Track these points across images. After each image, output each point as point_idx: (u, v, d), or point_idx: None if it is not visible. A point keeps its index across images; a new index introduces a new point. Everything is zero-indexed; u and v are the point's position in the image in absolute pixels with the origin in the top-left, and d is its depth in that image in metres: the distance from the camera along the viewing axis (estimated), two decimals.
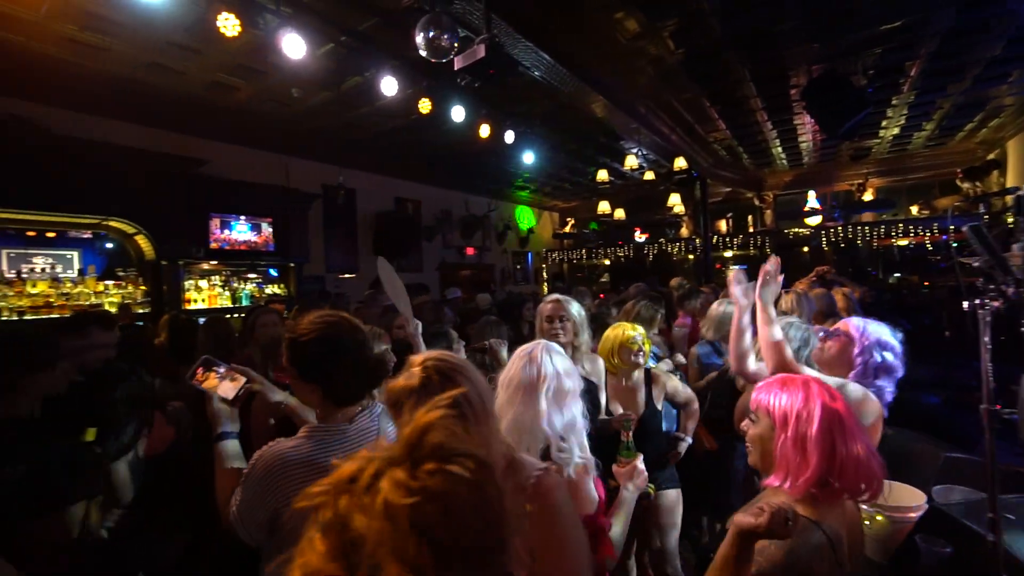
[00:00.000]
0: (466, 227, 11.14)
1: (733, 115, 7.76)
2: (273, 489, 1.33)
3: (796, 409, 1.12)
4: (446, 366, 1.15)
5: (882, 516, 1.79)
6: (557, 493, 1.07)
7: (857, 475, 1.09)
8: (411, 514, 0.49)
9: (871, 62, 6.10)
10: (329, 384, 1.45)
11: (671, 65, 5.98)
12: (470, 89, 5.12)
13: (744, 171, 10.95)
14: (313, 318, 1.49)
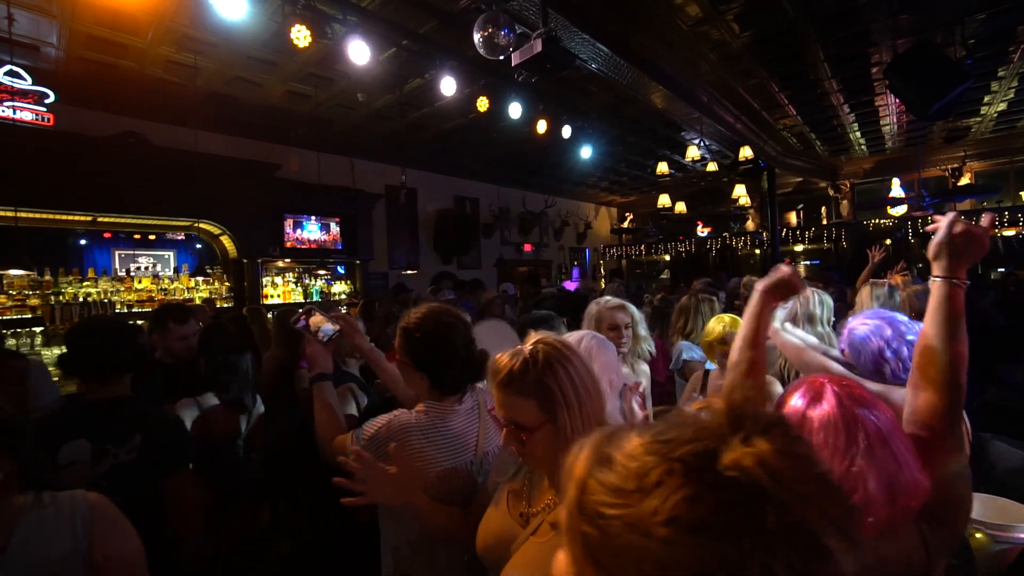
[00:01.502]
0: (523, 223, 11.22)
1: (805, 99, 7.29)
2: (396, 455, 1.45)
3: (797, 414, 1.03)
4: (552, 351, 1.12)
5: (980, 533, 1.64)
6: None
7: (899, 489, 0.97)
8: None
9: (972, 30, 5.51)
10: (437, 374, 1.55)
11: (736, 50, 5.71)
12: (527, 86, 5.17)
13: (817, 159, 10.25)
14: (425, 310, 1.59)
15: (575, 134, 6.51)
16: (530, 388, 1.08)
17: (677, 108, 6.44)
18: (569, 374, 1.09)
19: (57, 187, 5.09)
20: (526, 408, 1.08)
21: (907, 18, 5.20)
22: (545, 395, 1.07)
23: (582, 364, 1.13)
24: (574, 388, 1.08)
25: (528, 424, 1.07)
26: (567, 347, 1.15)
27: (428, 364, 1.54)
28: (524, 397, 1.08)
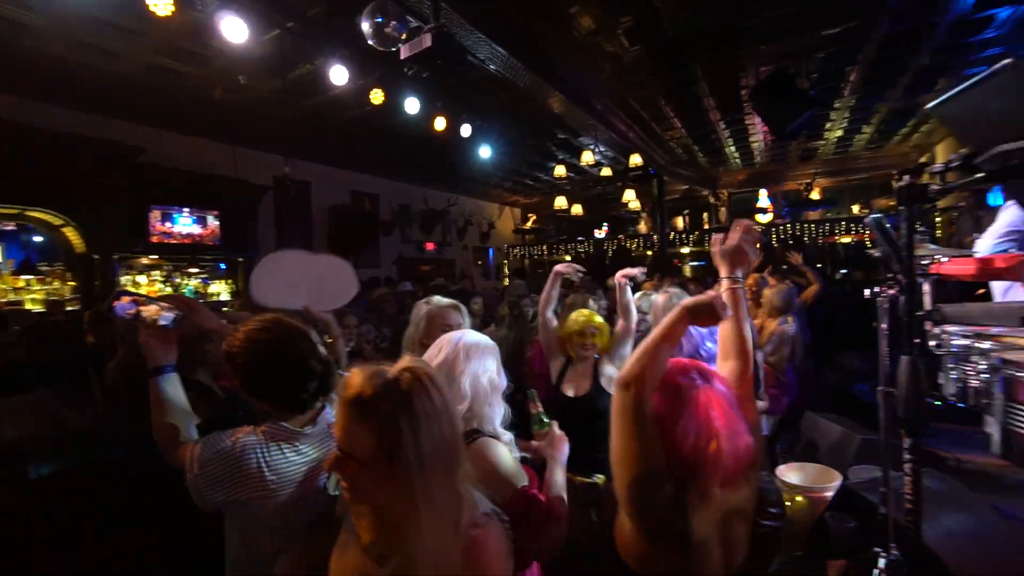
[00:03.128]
0: (425, 222, 11.00)
1: (688, 114, 7.93)
2: (233, 479, 1.33)
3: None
4: (416, 385, 0.99)
5: (801, 496, 1.87)
6: (491, 548, 1.00)
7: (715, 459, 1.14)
8: None
9: (815, 66, 6.36)
10: (274, 397, 1.42)
11: (627, 62, 6.05)
12: (424, 81, 5.04)
13: (700, 169, 11.24)
14: (248, 328, 1.43)
15: (475, 133, 6.49)
16: (376, 418, 0.96)
17: (574, 114, 6.68)
18: (427, 414, 0.97)
19: None
20: (365, 438, 0.96)
21: (767, 48, 5.86)
22: (391, 431, 0.95)
23: (444, 404, 1.02)
24: (428, 432, 0.96)
25: (361, 456, 0.96)
26: (434, 382, 1.02)
27: (259, 390, 1.42)
28: (367, 425, 0.96)
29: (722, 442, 1.06)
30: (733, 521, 1.16)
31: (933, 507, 1.66)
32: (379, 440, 0.95)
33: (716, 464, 1.05)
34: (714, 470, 1.05)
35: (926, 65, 6.49)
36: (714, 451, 1.04)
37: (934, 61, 6.35)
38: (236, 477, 1.33)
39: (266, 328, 1.43)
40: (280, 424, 1.41)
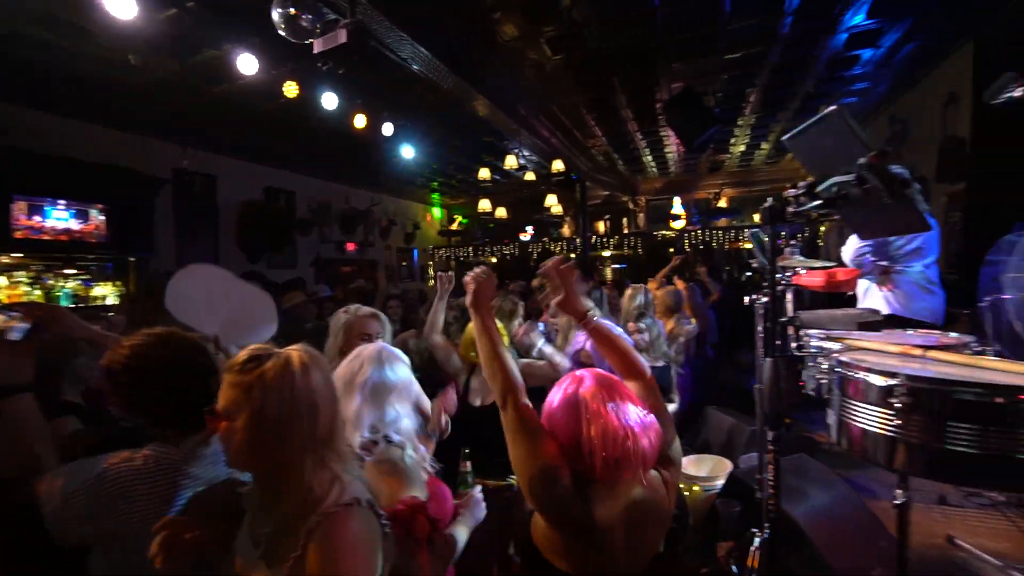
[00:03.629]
0: (346, 221, 10.58)
1: (608, 123, 8.28)
2: (106, 511, 1.20)
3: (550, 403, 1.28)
4: (298, 361, 1.09)
5: (696, 486, 2.01)
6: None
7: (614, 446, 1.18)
8: None
9: (720, 86, 6.90)
10: (164, 417, 1.31)
11: (550, 71, 6.20)
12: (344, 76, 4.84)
13: (620, 176, 11.77)
14: (138, 342, 1.31)
15: (399, 132, 6.35)
16: (243, 382, 1.05)
17: (499, 118, 6.74)
18: (289, 387, 1.06)
19: None
20: (231, 398, 1.06)
21: (678, 67, 6.26)
22: (249, 395, 1.04)
23: (312, 385, 1.09)
24: (282, 402, 1.04)
25: (227, 414, 1.05)
26: (307, 365, 1.10)
27: (147, 410, 1.31)
28: (234, 388, 1.06)
29: (618, 442, 1.15)
30: (636, 511, 1.22)
31: (803, 487, 1.86)
32: (240, 402, 1.04)
33: (608, 461, 1.13)
34: (606, 466, 1.13)
35: (811, 92, 7.26)
36: (607, 450, 1.10)
37: (817, 89, 7.12)
38: (110, 509, 1.19)
39: (162, 342, 1.32)
40: (168, 446, 1.29)
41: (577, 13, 4.84)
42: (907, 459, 1.00)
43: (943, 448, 0.96)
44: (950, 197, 6.05)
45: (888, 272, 2.80)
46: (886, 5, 4.94)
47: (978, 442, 0.92)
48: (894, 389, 0.98)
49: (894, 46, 5.84)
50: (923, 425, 0.97)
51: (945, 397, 0.94)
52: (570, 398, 1.21)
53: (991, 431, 0.91)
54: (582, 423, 1.15)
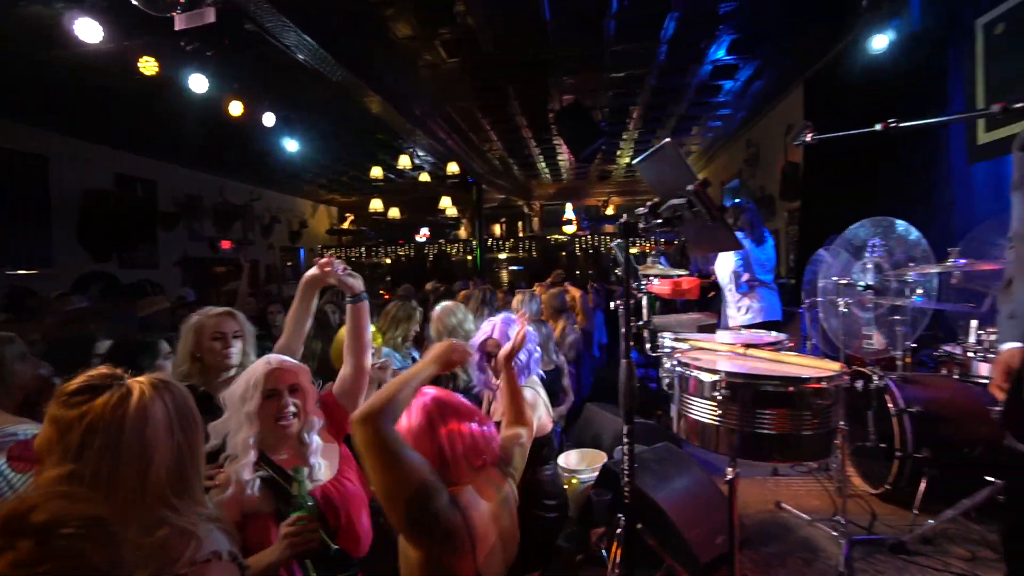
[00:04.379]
0: (221, 216, 9.58)
1: (503, 129, 8.47)
2: None
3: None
4: (140, 396, 0.92)
5: (575, 479, 2.14)
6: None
7: (467, 454, 1.23)
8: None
9: (607, 101, 7.40)
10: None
11: (446, 73, 6.19)
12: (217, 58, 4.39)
13: (515, 181, 12.10)
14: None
15: (283, 123, 5.91)
16: (67, 415, 0.88)
17: (393, 116, 6.57)
18: (119, 427, 0.89)
19: None
20: (48, 434, 0.89)
21: (569, 80, 6.61)
22: (64, 431, 0.87)
23: (169, 427, 0.93)
24: (114, 450, 0.88)
25: (38, 451, 0.89)
26: (167, 398, 0.95)
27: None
28: (55, 421, 0.89)
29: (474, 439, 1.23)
30: (503, 512, 1.26)
31: (667, 472, 2.07)
32: (53, 442, 0.88)
33: (470, 458, 1.19)
34: (470, 466, 1.19)
35: (684, 114, 8.08)
36: (465, 449, 1.18)
37: (688, 111, 7.94)
38: None
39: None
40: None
41: (470, 19, 4.89)
42: (728, 442, 1.18)
43: (753, 431, 1.14)
44: (790, 213, 7.08)
45: (753, 287, 3.31)
46: (741, 45, 5.66)
47: (777, 424, 1.11)
48: (716, 384, 1.15)
49: (748, 80, 6.70)
50: (738, 413, 1.14)
51: (754, 389, 1.13)
52: (419, 412, 1.23)
53: (785, 414, 1.11)
54: (438, 431, 1.18)
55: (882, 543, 2.13)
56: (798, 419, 1.12)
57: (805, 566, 2.03)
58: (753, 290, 3.35)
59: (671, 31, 5.29)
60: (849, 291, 2.25)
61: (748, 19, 5.08)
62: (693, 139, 9.63)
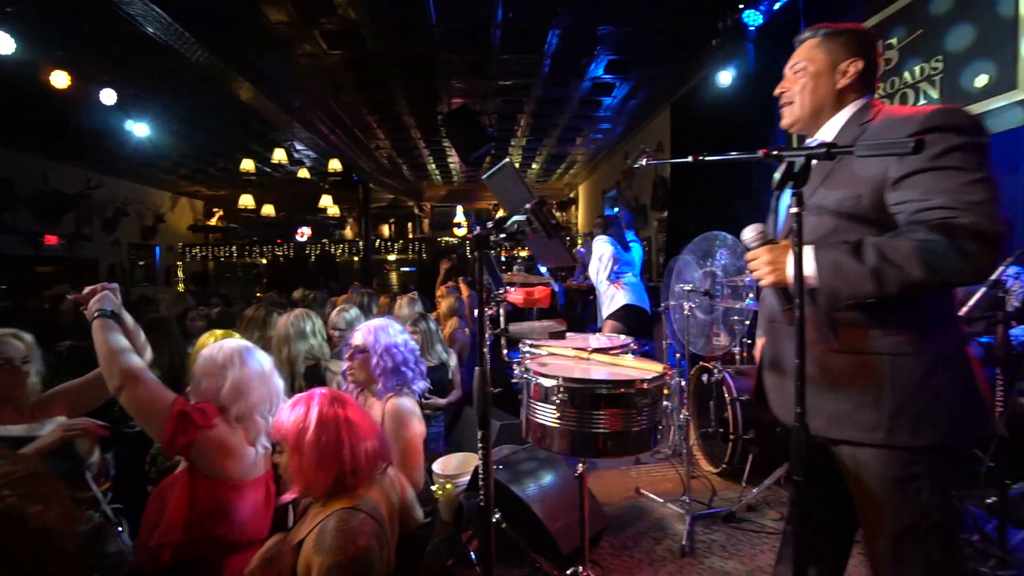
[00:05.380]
0: (44, 207, 8.05)
1: (391, 128, 8.24)
2: None
3: (298, 425, 1.18)
4: None
5: (449, 484, 2.15)
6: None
7: (370, 461, 1.23)
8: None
9: (496, 107, 7.54)
10: None
11: (328, 66, 5.86)
12: (17, 16, 3.69)
13: (405, 181, 11.84)
14: None
15: (129, 103, 5.16)
16: None
17: (266, 106, 6.07)
18: None
19: None
20: None
21: (458, 84, 6.62)
22: None
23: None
24: None
25: None
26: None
27: None
28: None
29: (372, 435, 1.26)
30: (394, 522, 1.30)
31: (535, 469, 2.16)
32: None
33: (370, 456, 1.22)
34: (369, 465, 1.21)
35: (568, 124, 8.52)
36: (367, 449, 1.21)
37: (572, 122, 8.39)
38: None
39: None
40: None
41: (352, 12, 4.69)
42: (568, 443, 1.28)
43: (590, 432, 1.25)
44: (659, 222, 7.81)
45: (620, 277, 3.89)
46: (617, 65, 6.12)
47: (609, 423, 1.23)
48: (555, 388, 1.24)
49: (624, 98, 7.26)
50: (575, 415, 1.24)
51: (589, 392, 1.24)
52: (327, 425, 1.19)
53: (617, 414, 1.23)
54: (343, 446, 1.17)
55: (718, 515, 2.44)
56: (628, 417, 1.25)
57: (656, 544, 2.25)
58: (620, 279, 3.85)
59: (554, 46, 5.56)
60: (693, 295, 2.55)
61: (623, 43, 5.52)
62: (578, 149, 10.19)
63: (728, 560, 2.13)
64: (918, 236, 0.94)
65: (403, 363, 1.80)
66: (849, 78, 1.16)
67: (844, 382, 1.04)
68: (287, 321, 2.40)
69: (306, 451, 1.16)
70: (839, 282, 0.97)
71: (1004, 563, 1.92)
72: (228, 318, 2.97)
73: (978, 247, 0.90)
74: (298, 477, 1.17)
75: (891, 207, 1.01)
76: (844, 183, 1.06)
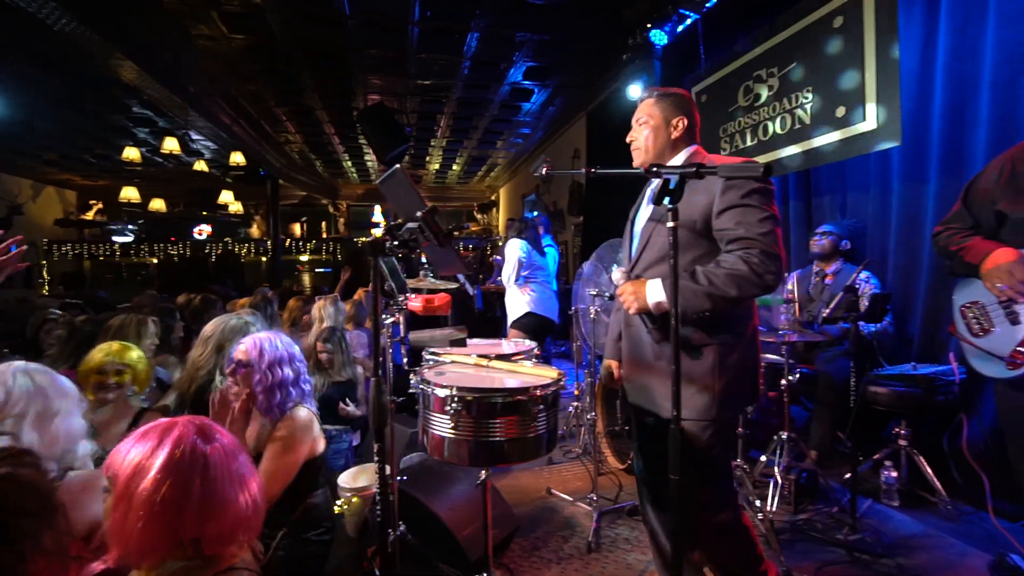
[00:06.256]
0: None
1: (302, 122, 7.80)
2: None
3: (136, 465, 0.86)
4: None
5: (356, 498, 2.06)
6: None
7: (238, 519, 0.92)
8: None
9: (416, 106, 7.40)
10: None
11: (229, 51, 5.42)
12: None
13: (319, 178, 11.26)
14: None
15: None
16: None
17: (154, 89, 5.49)
18: None
19: None
20: None
21: (375, 80, 6.41)
22: None
23: None
24: None
25: None
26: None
27: None
28: None
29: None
30: None
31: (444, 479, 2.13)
32: None
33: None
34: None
35: (488, 128, 8.56)
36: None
37: (492, 125, 8.45)
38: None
39: None
40: None
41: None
42: (465, 453, 1.27)
43: (486, 440, 1.26)
44: (575, 226, 8.08)
45: (528, 283, 3.74)
46: (535, 72, 6.25)
47: (506, 430, 1.25)
48: (449, 399, 1.24)
49: (543, 105, 7.43)
50: (471, 425, 1.25)
51: (485, 401, 1.24)
52: (162, 456, 0.87)
53: (513, 421, 1.25)
54: (193, 494, 0.87)
55: (623, 510, 2.55)
56: (524, 424, 1.27)
57: (564, 543, 2.30)
58: (527, 284, 3.73)
59: (474, 48, 5.56)
60: (598, 299, 2.65)
61: (541, 51, 5.64)
62: (499, 152, 10.29)
63: (631, 552, 2.23)
64: (728, 263, 1.26)
65: (290, 382, 1.70)
66: (679, 131, 1.49)
67: (686, 372, 1.30)
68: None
69: (135, 503, 0.83)
70: (685, 304, 1.24)
71: (854, 529, 2.20)
72: (95, 328, 2.59)
73: (766, 266, 1.24)
74: (117, 537, 0.85)
75: (715, 231, 1.33)
76: (688, 204, 1.33)
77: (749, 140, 3.87)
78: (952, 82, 2.65)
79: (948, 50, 2.66)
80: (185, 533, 0.87)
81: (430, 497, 2.01)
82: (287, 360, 1.68)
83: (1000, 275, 1.40)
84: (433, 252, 1.16)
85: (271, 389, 1.62)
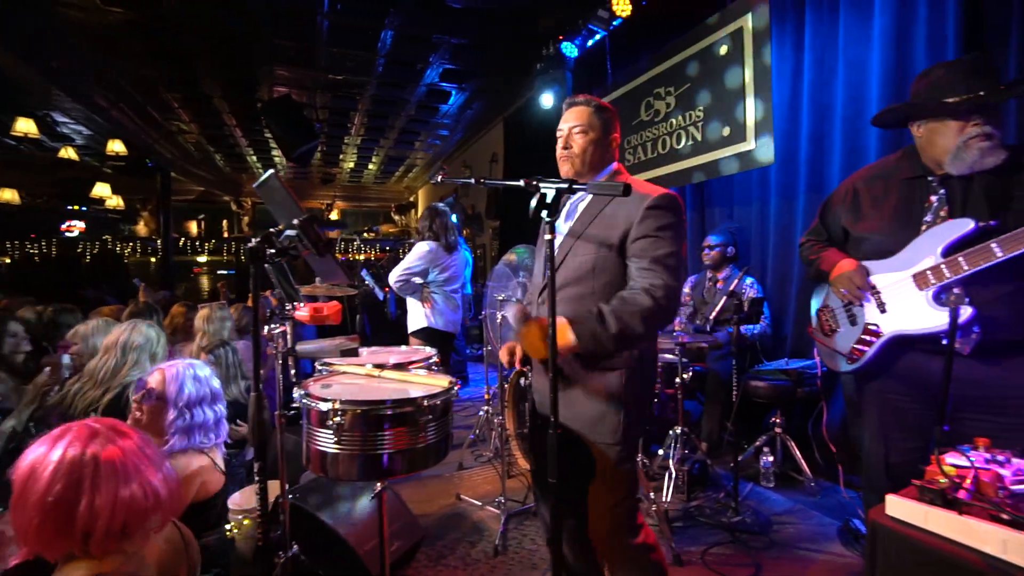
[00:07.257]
0: None
1: (199, 111, 7.16)
2: None
3: (29, 470, 0.92)
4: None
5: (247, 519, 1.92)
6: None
7: (131, 514, 0.96)
8: None
9: (327, 102, 7.05)
10: None
11: (106, 26, 4.83)
12: None
13: (219, 172, 10.40)
14: None
15: None
16: None
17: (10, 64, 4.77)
18: None
19: None
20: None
21: (282, 72, 6.03)
22: None
23: None
24: None
25: None
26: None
27: None
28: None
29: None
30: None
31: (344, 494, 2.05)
32: None
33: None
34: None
35: (404, 128, 8.38)
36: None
37: (409, 125, 8.28)
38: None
39: None
40: None
41: None
42: (352, 468, 1.23)
43: (374, 453, 1.23)
44: (493, 230, 8.15)
45: (426, 292, 3.35)
46: (452, 75, 6.22)
47: (396, 442, 1.22)
48: (331, 412, 1.19)
49: (461, 107, 7.41)
50: (357, 438, 1.21)
51: (371, 413, 1.21)
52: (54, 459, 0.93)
53: (403, 432, 1.23)
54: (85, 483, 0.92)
55: (530, 511, 2.60)
56: (413, 435, 1.25)
57: (471, 548, 2.30)
58: (427, 296, 3.38)
59: (388, 46, 5.42)
60: (506, 304, 2.69)
61: (458, 54, 5.62)
62: (417, 152, 10.11)
63: (537, 552, 2.27)
64: (635, 300, 1.29)
65: (207, 425, 1.56)
66: (613, 147, 1.50)
67: (595, 393, 1.38)
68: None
69: (29, 506, 0.91)
70: (597, 346, 1.29)
71: (736, 511, 2.42)
72: None
73: (669, 300, 1.30)
74: (22, 537, 0.94)
75: (628, 257, 1.36)
76: (608, 225, 1.38)
77: (650, 153, 4.13)
78: (815, 112, 3.01)
79: (811, 83, 3.02)
80: (77, 531, 0.92)
81: (328, 513, 1.92)
82: (209, 400, 1.52)
83: (843, 282, 1.61)
84: (315, 260, 1.11)
85: (183, 432, 1.46)
